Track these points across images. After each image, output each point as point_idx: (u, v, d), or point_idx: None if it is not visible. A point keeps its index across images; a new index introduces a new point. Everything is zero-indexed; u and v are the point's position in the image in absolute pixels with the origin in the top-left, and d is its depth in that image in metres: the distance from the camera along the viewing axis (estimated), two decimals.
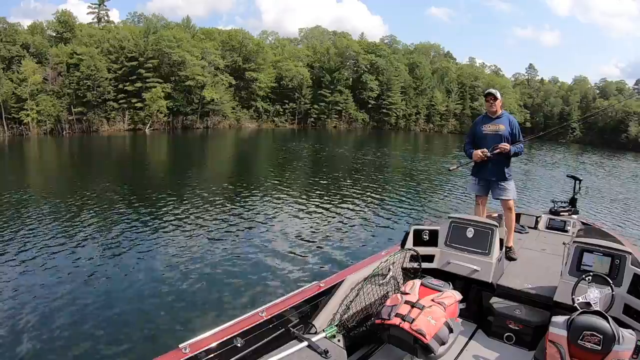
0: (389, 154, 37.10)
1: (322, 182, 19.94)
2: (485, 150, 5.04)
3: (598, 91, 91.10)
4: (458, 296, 3.45)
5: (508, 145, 4.95)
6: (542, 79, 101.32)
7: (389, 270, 3.81)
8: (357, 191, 17.68)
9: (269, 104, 67.00)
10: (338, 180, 20.75)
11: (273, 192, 16.75)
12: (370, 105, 74.70)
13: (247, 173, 23.66)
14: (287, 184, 18.83)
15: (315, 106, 70.06)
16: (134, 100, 52.05)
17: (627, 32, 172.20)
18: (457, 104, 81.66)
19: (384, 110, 74.80)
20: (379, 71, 74.39)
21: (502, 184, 5.15)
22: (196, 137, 49.34)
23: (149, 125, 52.97)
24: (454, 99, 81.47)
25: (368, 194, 17.34)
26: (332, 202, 15.25)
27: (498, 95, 5.09)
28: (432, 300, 3.25)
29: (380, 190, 18.54)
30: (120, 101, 51.73)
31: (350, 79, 74.61)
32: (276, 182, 19.50)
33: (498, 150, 4.97)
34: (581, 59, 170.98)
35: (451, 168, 6.00)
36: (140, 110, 52.41)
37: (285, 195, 16.18)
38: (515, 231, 5.38)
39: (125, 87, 51.90)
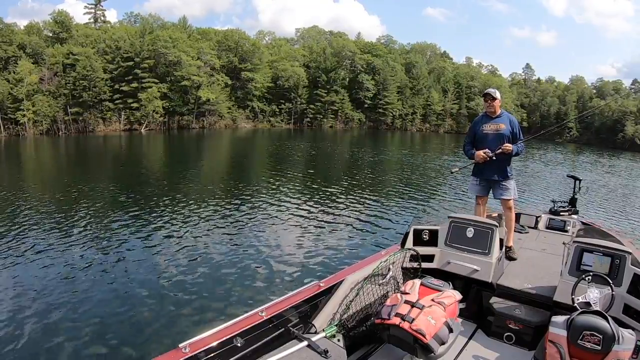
0: (387, 153, 37.10)
1: (320, 182, 19.91)
2: (487, 150, 5.01)
3: (595, 91, 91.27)
4: (458, 296, 3.46)
5: (511, 146, 4.95)
6: (539, 78, 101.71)
7: (388, 270, 3.82)
8: (357, 191, 17.66)
9: (265, 104, 66.92)
10: (336, 180, 20.73)
11: (271, 192, 16.72)
12: (366, 105, 74.63)
13: (244, 173, 23.61)
14: (285, 184, 18.79)
15: (312, 106, 70.01)
16: (130, 101, 51.87)
17: (622, 33, 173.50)
18: (454, 104, 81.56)
19: (380, 110, 74.69)
20: (375, 71, 74.37)
21: (504, 183, 5.14)
22: (192, 137, 49.21)
23: (145, 125, 52.83)
24: (450, 99, 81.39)
25: (367, 193, 17.33)
26: (332, 202, 15.24)
27: (497, 95, 5.06)
28: (432, 300, 3.26)
29: (379, 189, 18.55)
30: (116, 101, 51.57)
31: (347, 79, 74.47)
32: (273, 182, 19.45)
33: (500, 151, 4.96)
34: (578, 59, 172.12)
35: (453, 170, 5.97)
36: (136, 111, 52.22)
37: (283, 196, 16.14)
38: (515, 231, 5.39)
39: (121, 88, 51.69)
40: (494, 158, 5.00)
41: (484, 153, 5.03)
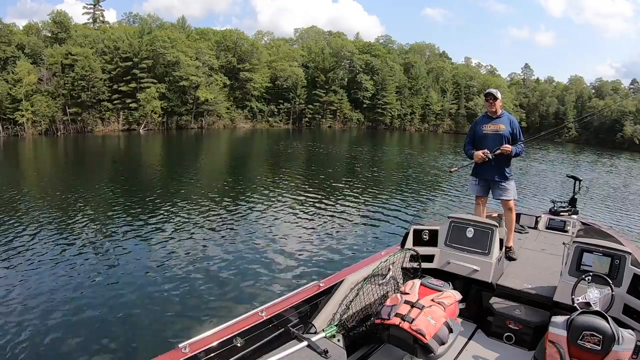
0: (386, 153, 37.12)
1: (319, 182, 19.90)
2: (486, 151, 5.01)
3: (594, 91, 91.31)
4: (458, 296, 3.45)
5: (510, 146, 4.94)
6: (537, 78, 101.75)
7: (388, 270, 3.81)
8: (356, 191, 17.65)
9: (264, 104, 66.98)
10: (336, 180, 20.72)
11: (270, 192, 16.69)
12: (365, 105, 74.74)
13: (243, 173, 23.55)
14: (284, 184, 18.78)
15: (310, 106, 70.09)
16: (128, 101, 51.93)
17: (621, 33, 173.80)
18: (452, 104, 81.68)
19: (379, 110, 74.76)
20: (374, 71, 74.47)
21: (503, 183, 5.13)
22: (191, 138, 49.13)
23: (143, 125, 52.84)
24: (449, 99, 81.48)
25: (367, 193, 17.32)
26: (331, 202, 15.21)
27: (498, 95, 5.06)
28: (432, 300, 3.25)
29: (379, 190, 18.52)
30: (115, 101, 51.61)
31: (345, 79, 74.62)
32: (273, 182, 19.46)
33: (499, 152, 4.96)
34: (576, 59, 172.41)
35: (451, 170, 5.94)
36: (135, 111, 52.29)
37: (283, 196, 16.11)
38: (515, 231, 5.38)
39: (119, 88, 51.73)
40: (492, 158, 5.01)
41: (483, 153, 5.04)
